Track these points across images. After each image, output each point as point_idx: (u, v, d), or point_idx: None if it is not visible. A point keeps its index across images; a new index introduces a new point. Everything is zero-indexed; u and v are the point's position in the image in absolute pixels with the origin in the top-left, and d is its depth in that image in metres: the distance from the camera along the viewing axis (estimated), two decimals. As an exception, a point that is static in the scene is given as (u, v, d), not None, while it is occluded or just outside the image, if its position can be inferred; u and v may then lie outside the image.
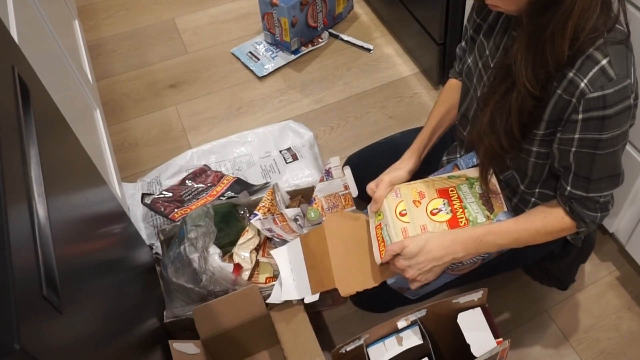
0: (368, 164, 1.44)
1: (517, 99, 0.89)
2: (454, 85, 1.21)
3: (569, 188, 0.95)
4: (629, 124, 0.87)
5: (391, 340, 1.04)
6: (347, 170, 1.31)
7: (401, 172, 1.13)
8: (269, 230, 1.27)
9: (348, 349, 1.03)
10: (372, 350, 1.03)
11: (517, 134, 0.93)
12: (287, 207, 1.39)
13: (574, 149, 0.90)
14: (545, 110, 0.89)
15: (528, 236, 1.01)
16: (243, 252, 1.28)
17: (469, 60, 1.07)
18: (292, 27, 1.94)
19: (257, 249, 1.31)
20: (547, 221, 1.00)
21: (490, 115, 0.95)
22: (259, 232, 1.31)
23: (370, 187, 1.13)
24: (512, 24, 0.95)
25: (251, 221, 1.28)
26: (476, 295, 1.03)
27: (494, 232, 1.00)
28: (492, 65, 0.99)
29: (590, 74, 0.82)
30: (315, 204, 1.31)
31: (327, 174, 1.34)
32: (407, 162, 1.16)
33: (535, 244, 1.02)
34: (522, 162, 1.01)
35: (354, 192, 1.30)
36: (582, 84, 0.83)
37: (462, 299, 1.03)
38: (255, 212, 1.30)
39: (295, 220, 1.34)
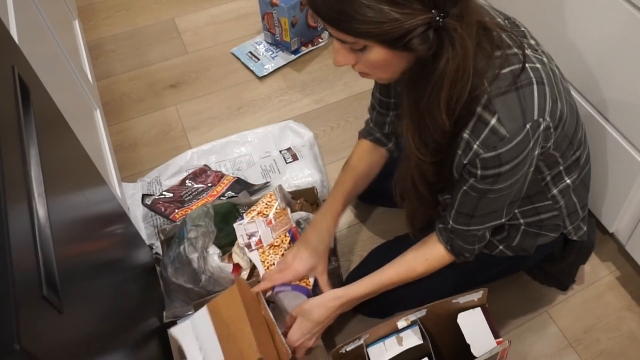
0: (380, 180, 1.44)
1: (415, 167, 0.92)
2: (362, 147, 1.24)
3: (451, 222, 0.97)
4: (529, 165, 0.86)
5: (391, 340, 1.04)
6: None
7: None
8: (251, 235, 1.27)
9: (348, 349, 1.03)
10: (372, 350, 1.03)
11: (427, 195, 0.97)
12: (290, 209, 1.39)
13: (463, 188, 0.91)
14: (453, 167, 0.90)
15: (409, 279, 1.07)
16: (242, 252, 1.28)
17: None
18: (292, 27, 1.94)
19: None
20: (428, 264, 1.05)
21: (409, 183, 0.97)
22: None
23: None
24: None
25: (234, 225, 1.28)
26: (476, 295, 1.03)
27: (376, 289, 1.09)
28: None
29: (482, 135, 0.81)
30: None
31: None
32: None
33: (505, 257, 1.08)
34: None
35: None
36: (475, 146, 0.83)
37: (462, 299, 1.03)
38: (244, 215, 1.30)
39: (299, 224, 1.33)
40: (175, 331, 1.06)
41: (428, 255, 1.05)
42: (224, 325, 1.02)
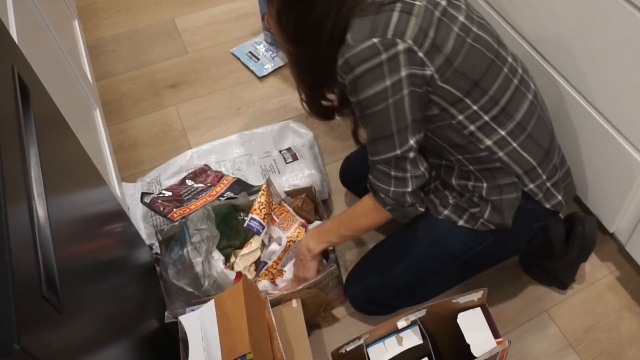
0: (366, 164, 1.44)
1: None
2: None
3: (369, 157, 1.05)
4: (391, 80, 0.92)
5: (391, 340, 1.04)
6: None
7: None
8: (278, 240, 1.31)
9: (348, 349, 1.03)
10: (372, 351, 1.03)
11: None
12: (292, 207, 1.39)
13: (356, 114, 1.01)
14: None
15: (349, 221, 1.17)
16: (243, 264, 1.28)
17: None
18: (292, 27, 1.93)
19: (256, 263, 1.31)
20: (361, 203, 1.13)
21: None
22: (262, 246, 1.31)
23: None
24: None
25: (261, 235, 1.29)
26: (476, 295, 1.03)
27: (327, 224, 1.21)
28: None
29: (341, 48, 0.94)
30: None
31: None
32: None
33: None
34: None
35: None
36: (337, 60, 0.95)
37: (462, 299, 1.03)
38: (257, 219, 1.30)
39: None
40: (185, 319, 1.09)
41: (363, 197, 1.13)
42: (225, 319, 1.04)
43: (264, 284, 1.30)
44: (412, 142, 0.99)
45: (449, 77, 0.96)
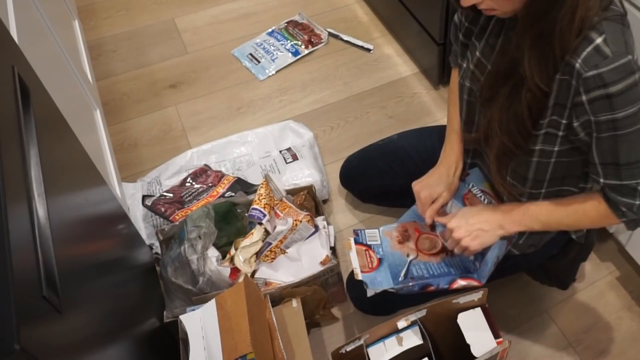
0: (366, 165, 1.44)
1: (527, 96, 0.89)
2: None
3: (602, 180, 0.93)
4: None
5: (391, 341, 1.04)
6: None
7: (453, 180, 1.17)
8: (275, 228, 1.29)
9: (348, 349, 1.03)
10: (372, 351, 1.03)
11: (530, 128, 0.93)
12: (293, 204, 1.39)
13: (595, 134, 0.88)
14: (549, 97, 0.88)
15: (567, 217, 1.00)
16: (244, 256, 1.28)
17: (464, 66, 1.06)
18: None
19: (257, 254, 1.31)
20: (585, 204, 0.98)
21: (499, 115, 0.94)
22: (264, 237, 1.31)
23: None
24: (507, 24, 0.94)
25: (263, 221, 1.29)
26: (476, 296, 1.03)
27: (534, 208, 1.02)
28: (489, 67, 0.98)
29: (584, 53, 0.81)
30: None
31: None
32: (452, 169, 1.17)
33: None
34: (523, 164, 1.00)
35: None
36: (577, 64, 0.82)
37: (462, 299, 1.03)
38: (258, 208, 1.30)
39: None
40: (186, 319, 1.08)
41: (587, 197, 0.99)
42: (226, 318, 1.04)
43: (262, 270, 1.30)
44: None
45: None
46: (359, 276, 1.11)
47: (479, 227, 1.04)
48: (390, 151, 1.39)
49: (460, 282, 1.09)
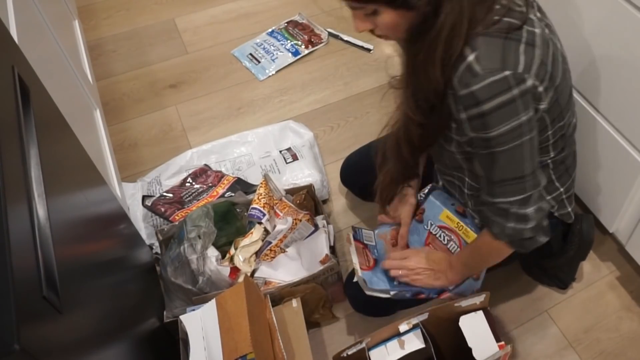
0: (366, 160, 1.44)
1: (402, 125, 0.92)
2: None
3: (483, 195, 0.95)
4: (524, 116, 0.83)
5: (393, 344, 1.04)
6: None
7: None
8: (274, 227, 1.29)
9: (349, 353, 1.03)
10: (374, 354, 1.03)
11: (408, 158, 0.98)
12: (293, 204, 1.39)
13: (475, 151, 0.90)
14: (451, 112, 0.89)
15: (476, 254, 1.07)
16: (244, 255, 1.28)
17: None
18: None
19: (257, 254, 1.31)
20: (482, 237, 1.02)
21: (394, 140, 0.99)
22: (264, 237, 1.31)
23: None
24: None
25: (262, 221, 1.29)
26: (478, 299, 1.03)
27: (457, 257, 1.10)
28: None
29: (458, 72, 0.81)
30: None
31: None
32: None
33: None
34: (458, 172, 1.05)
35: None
36: (455, 82, 0.82)
37: (464, 302, 1.03)
38: (258, 207, 1.30)
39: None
40: (186, 319, 1.09)
41: (483, 232, 1.02)
42: (226, 318, 1.04)
43: (262, 269, 1.29)
44: (543, 182, 0.92)
45: (550, 108, 0.91)
46: (359, 273, 1.11)
47: (435, 272, 1.12)
48: None
49: (449, 294, 1.11)
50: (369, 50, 2.04)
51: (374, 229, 1.24)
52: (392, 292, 1.10)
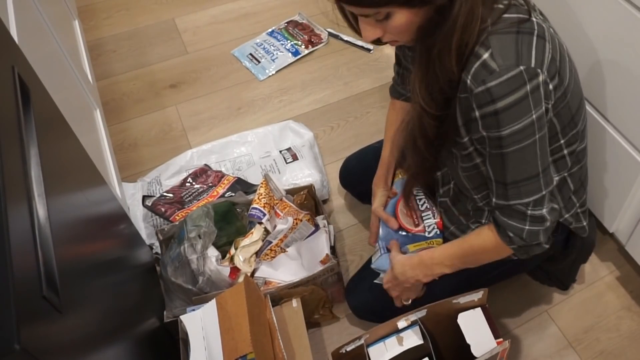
0: (365, 168, 1.44)
1: (417, 118, 0.92)
2: (397, 106, 1.29)
3: (493, 199, 0.93)
4: (536, 113, 0.83)
5: (392, 340, 1.04)
6: None
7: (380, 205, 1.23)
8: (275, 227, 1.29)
9: (348, 349, 1.03)
10: (373, 351, 1.03)
11: (424, 151, 0.96)
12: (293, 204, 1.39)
13: (487, 150, 0.89)
14: (457, 116, 0.89)
15: (466, 255, 1.03)
16: (244, 255, 1.28)
17: None
18: None
19: (257, 253, 1.31)
20: (480, 237, 0.99)
21: (409, 134, 0.98)
22: (264, 237, 1.31)
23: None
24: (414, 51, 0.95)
25: (263, 221, 1.29)
26: (476, 296, 1.03)
27: (438, 254, 1.07)
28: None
29: (473, 69, 0.81)
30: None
31: None
32: (380, 196, 1.24)
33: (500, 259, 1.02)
34: (456, 173, 1.03)
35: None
36: (468, 81, 0.82)
37: (463, 299, 1.03)
38: (258, 207, 1.30)
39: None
40: (186, 319, 1.08)
41: (481, 229, 1.00)
42: (226, 318, 1.04)
43: (262, 269, 1.29)
44: (556, 178, 0.91)
45: (560, 110, 0.90)
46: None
47: (395, 283, 1.12)
48: None
49: None
50: (369, 50, 2.04)
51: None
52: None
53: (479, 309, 1.04)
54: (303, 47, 2.04)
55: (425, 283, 1.13)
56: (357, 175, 1.46)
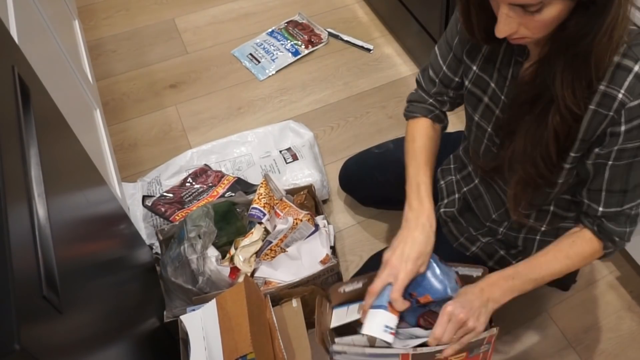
0: (364, 174, 1.44)
1: (555, 120, 0.86)
2: (423, 124, 1.13)
3: (601, 209, 0.92)
4: None
5: (354, 306, 1.03)
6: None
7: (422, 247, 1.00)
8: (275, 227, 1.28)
9: (347, 290, 1.02)
10: (338, 312, 1.03)
11: (555, 158, 0.90)
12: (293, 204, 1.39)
13: (610, 162, 0.87)
14: (580, 129, 0.86)
15: (560, 265, 0.97)
16: (244, 255, 1.28)
17: (468, 85, 1.03)
18: None
19: (257, 253, 1.31)
20: (576, 245, 0.96)
21: (523, 144, 0.91)
22: (264, 237, 1.31)
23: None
24: (516, 51, 0.92)
25: (263, 220, 1.28)
26: (475, 272, 1.02)
27: (523, 268, 0.99)
28: (504, 98, 0.96)
29: (626, 83, 0.79)
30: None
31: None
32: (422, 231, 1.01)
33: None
34: (541, 195, 0.99)
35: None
36: (620, 95, 0.80)
37: (461, 270, 1.02)
38: (258, 207, 1.30)
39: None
40: (186, 319, 1.08)
41: (575, 237, 0.96)
42: (227, 318, 1.04)
43: (262, 269, 1.29)
44: None
45: None
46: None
47: (474, 309, 0.95)
48: (387, 163, 1.38)
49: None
50: (369, 50, 2.04)
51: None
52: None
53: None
54: (303, 47, 2.04)
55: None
56: (357, 181, 1.46)
